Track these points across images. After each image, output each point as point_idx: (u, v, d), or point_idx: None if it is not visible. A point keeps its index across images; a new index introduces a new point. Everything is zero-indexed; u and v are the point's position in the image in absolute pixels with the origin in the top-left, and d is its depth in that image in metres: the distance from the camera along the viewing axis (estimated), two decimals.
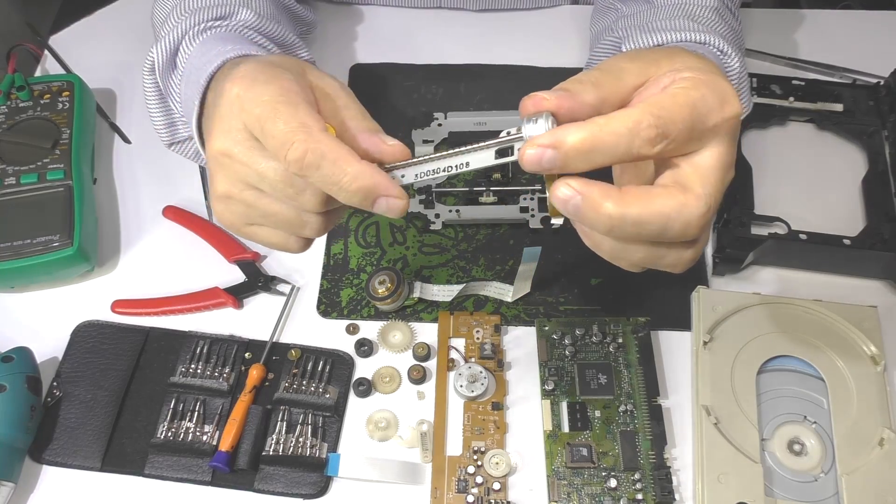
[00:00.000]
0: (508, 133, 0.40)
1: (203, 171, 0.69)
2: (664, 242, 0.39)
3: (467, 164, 0.41)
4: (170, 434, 0.56)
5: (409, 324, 0.61)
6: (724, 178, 0.39)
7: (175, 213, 0.67)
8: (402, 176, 0.42)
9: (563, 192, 0.38)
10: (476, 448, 0.55)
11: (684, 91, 0.38)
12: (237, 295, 0.62)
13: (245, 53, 0.49)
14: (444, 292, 0.61)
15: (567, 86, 0.38)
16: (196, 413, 0.57)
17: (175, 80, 0.56)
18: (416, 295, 0.61)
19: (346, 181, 0.39)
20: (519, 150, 0.39)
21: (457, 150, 0.41)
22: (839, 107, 0.70)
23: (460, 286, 0.61)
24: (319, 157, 0.38)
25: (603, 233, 0.39)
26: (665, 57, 0.41)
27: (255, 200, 0.42)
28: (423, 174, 0.42)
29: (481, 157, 0.41)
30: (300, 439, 0.56)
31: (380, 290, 0.59)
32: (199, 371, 0.59)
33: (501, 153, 0.40)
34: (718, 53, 0.56)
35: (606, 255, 0.41)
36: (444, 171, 0.42)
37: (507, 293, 0.61)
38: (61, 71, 0.75)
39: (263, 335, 0.61)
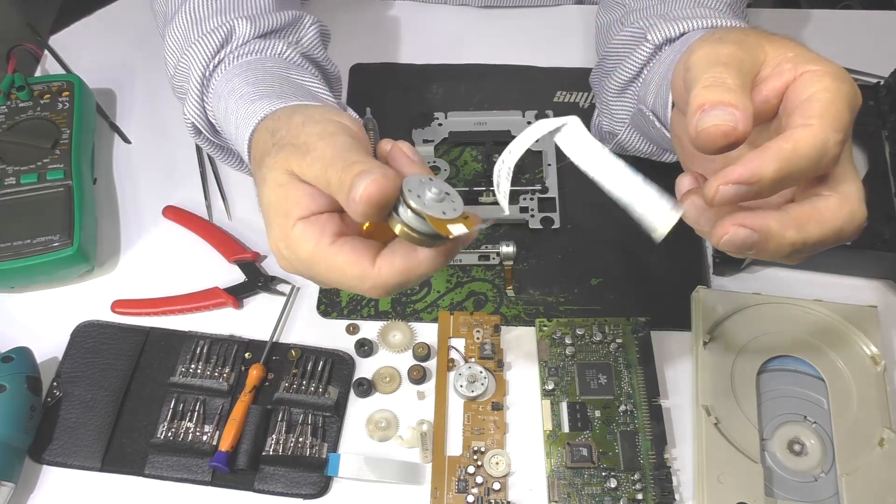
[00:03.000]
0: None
1: (203, 171, 0.69)
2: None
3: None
4: (170, 434, 0.56)
5: (409, 324, 0.61)
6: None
7: (175, 213, 0.67)
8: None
9: (740, 234, 0.36)
10: (476, 448, 0.55)
11: (836, 88, 0.37)
12: (237, 295, 0.62)
13: (271, 111, 0.47)
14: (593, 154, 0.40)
15: (731, 99, 0.36)
16: (196, 413, 0.57)
17: (221, 107, 0.53)
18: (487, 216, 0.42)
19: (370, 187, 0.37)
20: (708, 189, 0.36)
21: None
22: None
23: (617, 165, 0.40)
24: (359, 172, 0.37)
25: (782, 258, 0.39)
26: (764, 40, 0.39)
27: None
28: None
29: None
30: (300, 439, 0.56)
31: (446, 215, 0.38)
32: (199, 371, 0.59)
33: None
34: None
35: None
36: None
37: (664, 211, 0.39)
38: (61, 71, 0.75)
39: (263, 335, 0.61)
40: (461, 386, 0.57)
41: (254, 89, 0.50)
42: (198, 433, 0.56)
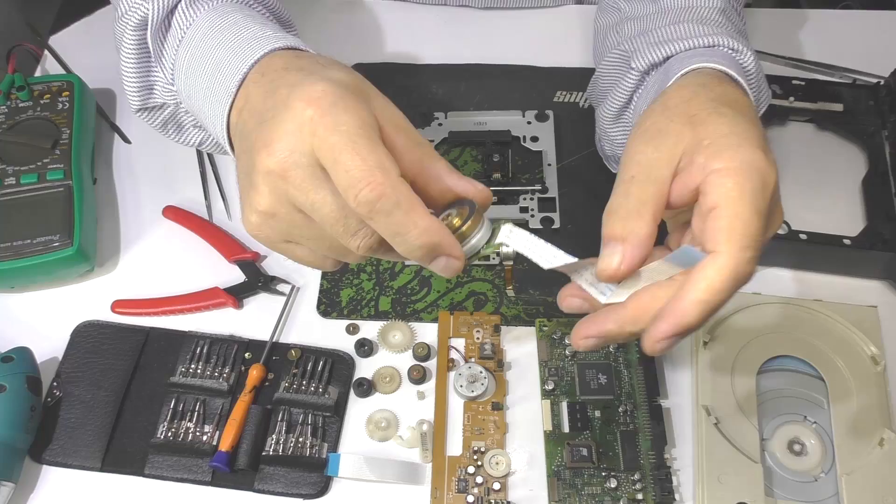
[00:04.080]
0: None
1: (203, 171, 0.69)
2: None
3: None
4: (170, 434, 0.56)
5: (409, 324, 0.61)
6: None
7: (175, 213, 0.67)
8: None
9: (590, 343, 0.41)
10: (476, 448, 0.55)
11: (740, 191, 0.38)
12: (237, 295, 0.62)
13: (291, 46, 0.44)
14: (542, 252, 0.42)
15: (623, 230, 0.39)
16: (196, 413, 0.57)
17: (171, 43, 0.50)
18: (502, 240, 0.42)
19: (414, 234, 0.37)
20: (645, 345, 0.39)
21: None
22: (839, 107, 0.70)
23: (569, 258, 0.41)
24: (394, 203, 0.36)
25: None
26: (686, 125, 0.40)
27: (300, 224, 0.39)
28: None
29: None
30: (300, 439, 0.56)
31: (454, 222, 0.41)
32: (199, 371, 0.59)
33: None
34: (730, 52, 0.53)
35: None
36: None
37: (605, 292, 0.42)
38: (61, 71, 0.75)
39: (263, 335, 0.61)
40: (461, 386, 0.57)
41: (271, 31, 0.46)
42: (198, 433, 0.56)
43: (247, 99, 0.42)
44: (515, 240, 0.42)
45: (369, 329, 0.62)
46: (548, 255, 0.41)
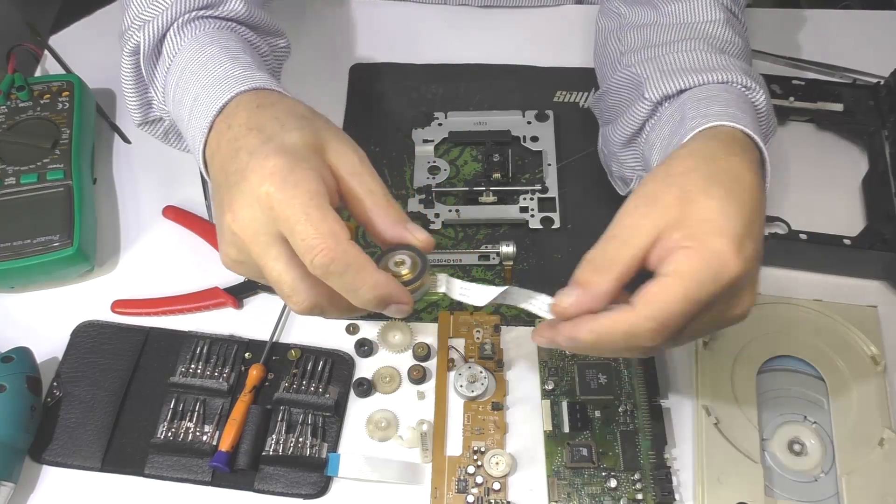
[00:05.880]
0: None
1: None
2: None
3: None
4: (170, 434, 0.56)
5: (409, 324, 0.61)
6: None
7: (175, 213, 0.67)
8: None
9: (541, 342, 0.48)
10: (476, 448, 0.55)
11: (690, 278, 0.40)
12: (237, 295, 0.62)
13: (257, 86, 0.48)
14: (476, 293, 0.47)
15: (588, 280, 0.43)
16: (196, 413, 0.57)
17: (161, 69, 0.54)
18: (441, 290, 0.47)
19: (364, 290, 0.42)
20: (537, 328, 0.47)
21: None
22: (839, 107, 0.70)
23: (499, 290, 0.47)
24: (345, 265, 0.41)
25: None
26: (678, 199, 0.42)
27: (263, 274, 0.44)
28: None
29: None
30: (300, 439, 0.56)
31: (403, 273, 0.45)
32: (199, 371, 0.59)
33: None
34: (744, 90, 0.53)
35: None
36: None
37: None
38: (61, 71, 0.75)
39: (263, 335, 0.61)
40: (461, 386, 0.57)
41: (241, 69, 0.50)
42: (198, 433, 0.56)
43: (218, 145, 0.46)
44: (451, 287, 0.47)
45: (369, 329, 0.62)
46: (482, 295, 0.47)
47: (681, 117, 0.52)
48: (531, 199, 0.66)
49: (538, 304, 0.48)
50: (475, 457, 0.55)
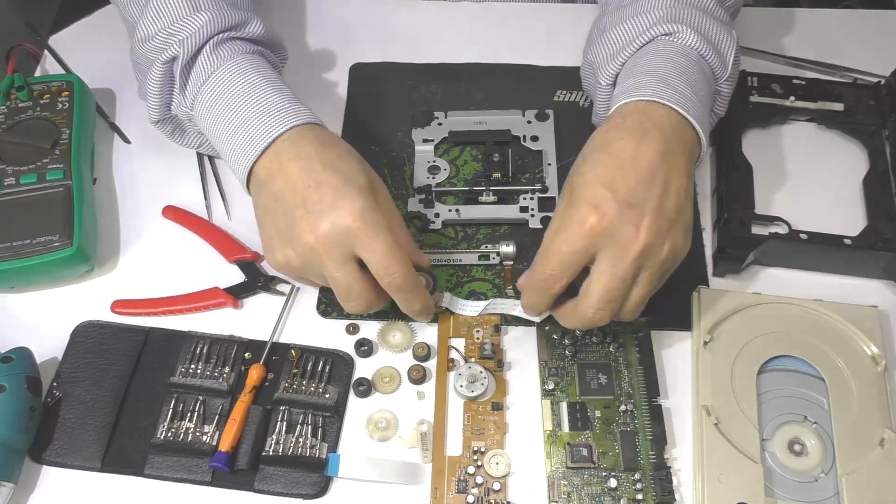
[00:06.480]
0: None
1: (203, 171, 0.69)
2: None
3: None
4: (170, 434, 0.56)
5: (409, 324, 0.61)
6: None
7: (175, 213, 0.67)
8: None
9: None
10: (476, 448, 0.55)
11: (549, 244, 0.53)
12: (237, 295, 0.62)
13: (307, 122, 0.57)
14: (469, 307, 0.61)
15: (534, 306, 0.56)
16: (196, 413, 0.57)
17: (194, 79, 0.60)
18: (445, 304, 0.60)
19: (417, 304, 0.56)
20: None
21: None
22: (840, 106, 0.70)
23: (485, 302, 0.60)
24: (411, 287, 0.54)
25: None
26: (568, 194, 0.53)
27: (315, 274, 0.56)
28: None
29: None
30: (300, 439, 0.56)
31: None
32: (198, 371, 0.59)
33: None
34: (666, 38, 0.59)
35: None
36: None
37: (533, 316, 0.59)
38: (61, 71, 0.75)
39: (263, 335, 0.61)
40: (461, 386, 0.57)
41: (288, 103, 0.58)
42: (198, 433, 0.56)
43: (280, 167, 0.55)
44: (452, 303, 0.61)
45: (369, 329, 0.62)
46: (471, 308, 0.61)
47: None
48: (531, 198, 0.66)
49: (521, 308, 0.58)
50: (475, 457, 0.55)
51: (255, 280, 0.63)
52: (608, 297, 0.51)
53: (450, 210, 0.66)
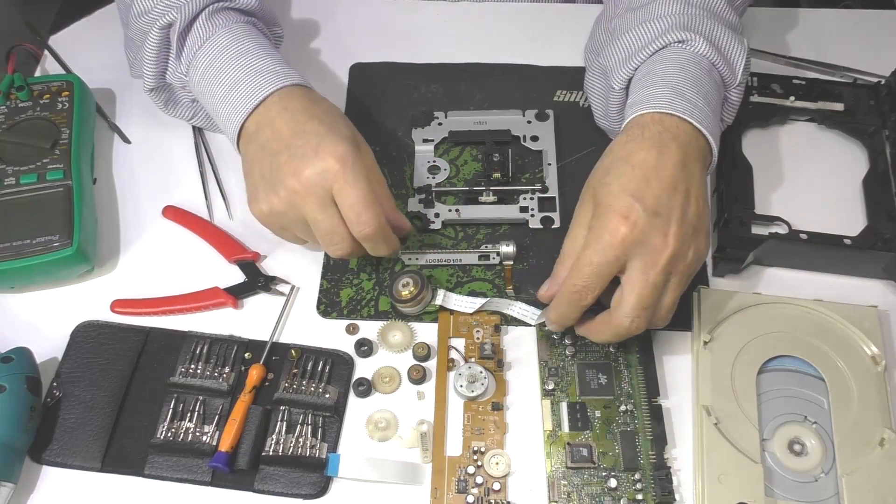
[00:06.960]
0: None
1: (203, 171, 0.69)
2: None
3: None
4: (170, 434, 0.56)
5: (409, 324, 0.61)
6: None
7: (175, 213, 0.67)
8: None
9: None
10: (476, 448, 0.55)
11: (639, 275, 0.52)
12: (237, 295, 0.62)
13: (297, 83, 0.60)
14: (465, 303, 0.61)
15: (560, 320, 0.56)
16: (196, 413, 0.57)
17: (189, 45, 0.62)
18: (439, 302, 0.61)
19: (384, 249, 0.59)
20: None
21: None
22: (840, 106, 0.70)
23: (484, 300, 0.61)
24: (382, 236, 0.57)
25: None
26: (590, 201, 0.55)
27: (298, 222, 0.57)
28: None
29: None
30: (300, 439, 0.56)
31: (403, 293, 0.59)
32: (198, 371, 0.59)
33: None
34: (679, 45, 0.59)
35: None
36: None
37: (530, 316, 0.60)
38: (61, 71, 0.75)
39: (263, 335, 0.61)
40: (461, 386, 0.57)
41: (280, 66, 0.61)
42: (198, 433, 0.56)
43: (269, 120, 0.58)
44: (447, 299, 0.61)
45: (369, 329, 0.62)
46: (469, 304, 0.61)
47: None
48: (531, 198, 0.66)
49: (517, 309, 0.61)
50: (475, 457, 0.55)
51: (256, 280, 0.63)
52: (642, 304, 0.51)
53: (450, 210, 0.66)
